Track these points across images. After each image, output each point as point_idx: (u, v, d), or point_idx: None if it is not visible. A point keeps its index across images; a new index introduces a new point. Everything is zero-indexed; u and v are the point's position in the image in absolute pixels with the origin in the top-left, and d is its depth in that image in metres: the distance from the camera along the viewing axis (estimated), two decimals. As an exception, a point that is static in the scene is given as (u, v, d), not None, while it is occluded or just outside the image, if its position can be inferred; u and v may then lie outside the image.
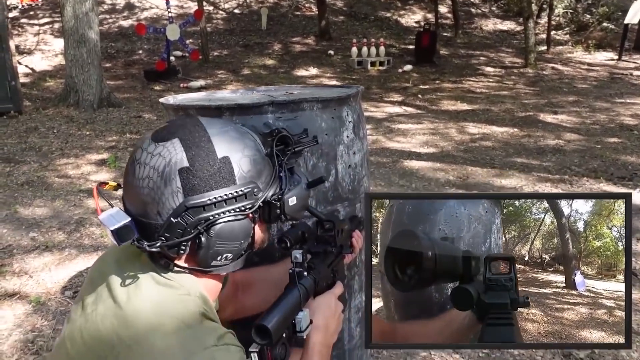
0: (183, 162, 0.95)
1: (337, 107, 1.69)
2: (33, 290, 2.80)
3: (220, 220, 0.96)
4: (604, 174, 4.64)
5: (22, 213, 3.91)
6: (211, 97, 1.94)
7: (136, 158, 0.99)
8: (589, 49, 13.80)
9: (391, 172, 4.91)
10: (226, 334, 0.96)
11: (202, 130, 0.99)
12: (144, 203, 0.96)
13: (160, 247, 0.95)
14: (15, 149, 5.71)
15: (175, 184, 0.94)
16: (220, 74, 11.21)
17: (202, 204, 0.94)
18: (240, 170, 0.98)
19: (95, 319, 0.98)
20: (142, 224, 0.96)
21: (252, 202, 1.00)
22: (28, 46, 12.15)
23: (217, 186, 0.96)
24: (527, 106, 8.10)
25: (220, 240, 0.97)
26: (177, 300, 0.97)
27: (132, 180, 0.98)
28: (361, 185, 1.81)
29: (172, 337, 0.91)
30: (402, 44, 14.01)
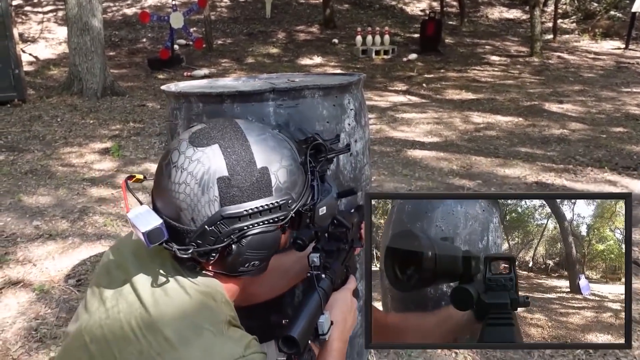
0: (222, 171, 0.94)
1: (338, 95, 1.68)
2: (37, 279, 2.81)
3: (254, 230, 0.95)
4: (609, 164, 4.62)
5: (26, 201, 3.92)
6: (213, 84, 1.93)
7: (173, 160, 0.96)
8: (595, 38, 13.69)
9: (395, 161, 4.90)
10: (251, 341, 0.96)
11: (242, 137, 0.98)
12: (178, 208, 0.95)
13: (191, 254, 0.94)
14: (19, 137, 5.72)
15: (213, 192, 0.93)
16: (224, 63, 11.18)
17: (238, 214, 0.94)
18: (277, 182, 0.98)
19: (118, 316, 0.97)
20: (173, 228, 0.95)
21: (285, 213, 0.99)
22: (32, 34, 12.13)
23: (253, 197, 0.95)
24: (532, 95, 8.05)
25: (250, 249, 0.96)
26: (204, 307, 0.96)
27: (166, 184, 0.96)
28: (362, 173, 1.80)
29: (201, 347, 0.90)
30: (407, 33, 13.93)
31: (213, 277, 1.01)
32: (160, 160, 1.00)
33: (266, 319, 1.77)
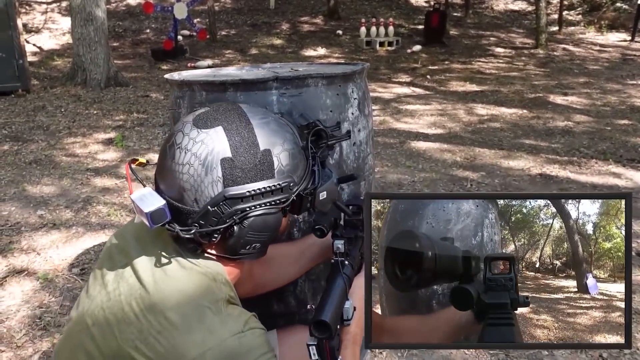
0: (226, 152, 0.95)
1: (342, 84, 1.68)
2: (41, 267, 2.82)
3: (255, 212, 0.96)
4: (613, 156, 4.60)
5: (30, 191, 3.93)
6: (216, 73, 1.93)
7: (177, 142, 0.97)
8: (601, 30, 13.60)
9: (398, 152, 4.89)
10: (250, 317, 0.98)
11: (245, 119, 0.99)
12: (181, 188, 0.96)
13: (193, 234, 0.95)
14: (23, 127, 5.73)
15: (216, 173, 0.94)
16: (228, 54, 11.16)
17: (241, 195, 0.95)
18: (280, 164, 0.99)
19: (119, 298, 0.98)
20: (176, 209, 0.96)
21: (287, 195, 1.00)
22: (35, 25, 12.13)
23: (256, 179, 0.96)
24: (536, 87, 8.02)
25: (252, 231, 0.98)
26: (203, 286, 0.97)
27: (170, 164, 0.97)
28: (366, 163, 1.80)
29: (201, 325, 0.91)
30: (411, 24, 13.87)
31: (214, 260, 1.02)
32: (164, 142, 1.01)
33: (268, 307, 1.77)
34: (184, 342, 0.89)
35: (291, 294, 1.76)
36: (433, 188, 3.99)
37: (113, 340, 0.94)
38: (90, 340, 0.97)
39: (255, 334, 0.94)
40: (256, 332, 0.95)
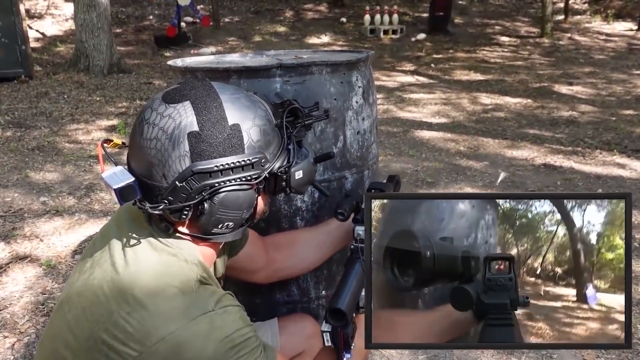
0: (193, 126, 0.93)
1: (346, 72, 1.66)
2: (44, 254, 2.83)
3: (226, 188, 0.95)
4: (618, 147, 4.57)
5: (33, 178, 3.93)
6: (219, 60, 1.91)
7: (145, 118, 0.96)
8: (607, 19, 13.48)
9: (401, 141, 4.87)
10: (224, 296, 0.97)
11: (215, 94, 0.97)
12: (149, 164, 0.94)
13: (162, 210, 0.94)
14: (26, 113, 5.72)
15: (183, 147, 0.92)
16: (231, 41, 11.11)
17: (209, 170, 0.93)
18: (250, 139, 0.97)
19: (92, 282, 0.97)
20: (146, 185, 0.95)
21: (258, 172, 0.98)
22: (39, 10, 12.06)
23: (225, 153, 0.94)
24: (541, 77, 7.97)
25: (223, 208, 0.96)
26: (174, 267, 0.96)
27: (139, 140, 0.96)
28: (369, 152, 1.79)
29: (170, 304, 0.91)
30: (416, 12, 13.76)
31: (188, 240, 1.01)
32: (135, 119, 1.00)
33: (271, 296, 1.77)
34: (153, 323, 0.89)
35: (294, 282, 1.76)
36: (436, 178, 3.97)
37: (85, 325, 0.94)
38: (67, 327, 0.97)
39: (227, 312, 0.93)
40: (228, 310, 0.94)
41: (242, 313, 0.98)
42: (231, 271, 1.36)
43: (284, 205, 1.64)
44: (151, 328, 0.89)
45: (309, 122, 1.16)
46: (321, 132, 1.62)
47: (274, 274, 1.53)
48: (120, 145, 1.11)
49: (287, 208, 1.65)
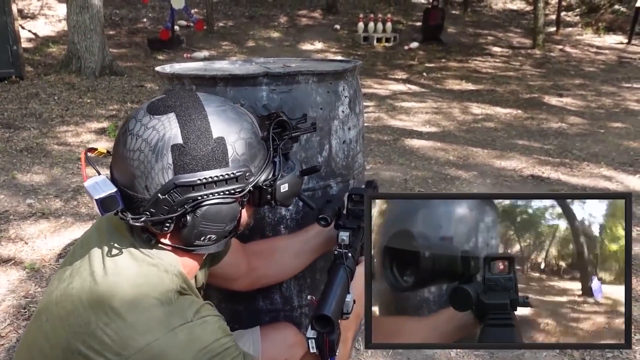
0: (177, 139, 0.92)
1: (333, 82, 1.67)
2: (28, 257, 2.81)
3: (209, 201, 0.94)
4: (605, 159, 4.61)
5: (20, 179, 3.91)
6: (207, 67, 1.91)
7: (129, 128, 0.95)
8: (598, 32, 13.61)
9: (391, 150, 4.88)
10: (203, 306, 0.96)
11: (200, 106, 0.97)
12: (132, 175, 0.94)
13: (144, 222, 0.94)
14: (15, 114, 5.69)
15: (166, 159, 0.92)
16: (225, 45, 11.11)
17: (192, 183, 0.93)
18: (234, 153, 0.96)
19: (71, 291, 0.96)
20: (128, 196, 0.95)
21: (242, 185, 0.98)
22: (32, 11, 12.00)
23: (208, 167, 0.94)
24: (532, 88, 8.02)
25: (206, 221, 0.95)
26: (153, 277, 0.95)
27: (122, 151, 0.95)
28: (355, 161, 1.80)
29: (148, 315, 0.90)
30: (409, 21, 13.84)
31: (170, 251, 1.00)
32: (119, 129, 0.99)
33: (253, 304, 1.77)
34: (130, 334, 0.88)
35: (277, 291, 1.75)
36: (425, 187, 3.99)
37: (62, 335, 0.93)
38: (44, 337, 0.96)
39: (206, 322, 0.93)
40: (207, 320, 0.93)
41: (221, 323, 0.97)
42: (213, 279, 1.36)
43: (268, 213, 1.64)
44: (128, 339, 0.88)
45: (296, 135, 1.16)
46: (306, 141, 1.62)
47: (255, 281, 1.52)
48: (104, 153, 1.10)
49: (271, 216, 1.65)
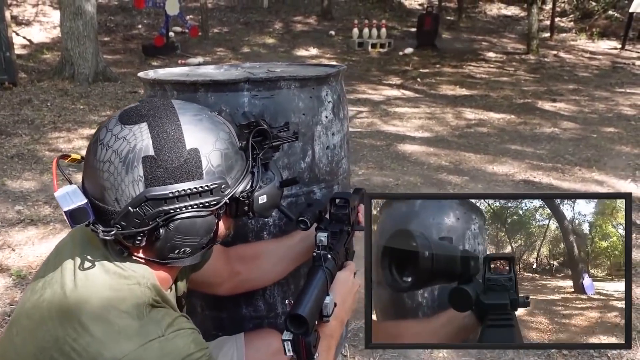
0: (148, 150, 0.89)
1: (315, 87, 1.66)
2: (15, 264, 2.79)
3: (182, 214, 0.91)
4: (597, 163, 4.62)
5: (10, 186, 3.89)
6: (190, 72, 1.90)
7: (100, 138, 0.92)
8: (592, 37, 13.67)
9: (384, 155, 4.88)
10: (176, 319, 0.93)
11: (174, 116, 0.93)
12: (102, 187, 0.90)
13: (114, 236, 0.90)
14: (7, 121, 5.67)
15: (137, 172, 0.89)
16: (219, 51, 11.12)
17: (164, 196, 0.89)
18: (209, 165, 0.93)
19: (41, 304, 0.94)
20: (98, 208, 0.91)
21: (217, 198, 0.94)
22: (27, 17, 12.01)
23: (181, 179, 0.90)
24: (526, 93, 8.04)
25: (179, 235, 0.92)
26: (124, 291, 0.92)
27: (92, 161, 0.91)
28: (340, 166, 1.78)
29: (118, 329, 0.87)
30: (404, 27, 13.88)
31: (143, 264, 0.97)
32: (92, 138, 0.96)
33: (236, 311, 1.76)
34: (99, 349, 0.85)
35: (260, 297, 1.74)
36: (416, 191, 3.98)
37: (31, 349, 0.90)
38: (13, 350, 0.94)
39: (179, 336, 0.90)
40: (180, 334, 0.90)
41: (195, 336, 0.94)
42: (194, 285, 1.34)
43: (251, 220, 1.63)
44: (97, 355, 0.85)
45: (277, 144, 1.13)
46: (289, 147, 1.61)
47: (237, 286, 1.50)
48: (79, 160, 1.05)
49: (254, 223, 1.63)
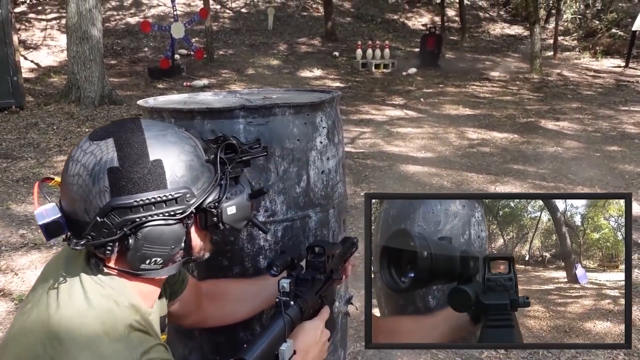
0: (113, 162, 0.94)
1: (310, 113, 1.68)
2: (17, 288, 2.81)
3: (148, 223, 0.94)
4: (599, 183, 4.61)
5: (14, 210, 3.93)
6: (189, 100, 1.94)
7: (72, 155, 0.98)
8: (596, 56, 13.73)
9: (386, 176, 4.90)
10: (153, 347, 0.95)
11: (139, 131, 0.99)
12: (73, 200, 0.96)
13: (85, 246, 0.95)
14: (13, 144, 5.74)
15: (103, 183, 0.93)
16: (225, 74, 11.23)
17: (129, 205, 0.93)
18: (173, 175, 0.97)
19: (27, 325, 0.97)
20: (72, 222, 0.97)
21: (183, 207, 0.98)
22: (35, 41, 12.20)
23: (146, 188, 0.94)
24: (529, 112, 8.06)
25: (148, 244, 0.96)
26: (105, 312, 0.95)
27: (65, 177, 0.98)
28: (335, 190, 1.80)
29: (94, 351, 0.90)
30: (407, 47, 13.99)
31: (120, 277, 1.00)
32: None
33: (234, 334, 1.76)
34: None
35: (257, 321, 1.74)
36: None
37: None
38: None
39: None
40: None
41: None
42: None
43: (247, 244, 1.65)
44: None
45: (246, 158, 1.17)
46: (284, 172, 1.63)
47: (201, 322, 1.50)
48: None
49: (250, 247, 1.65)
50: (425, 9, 17.13)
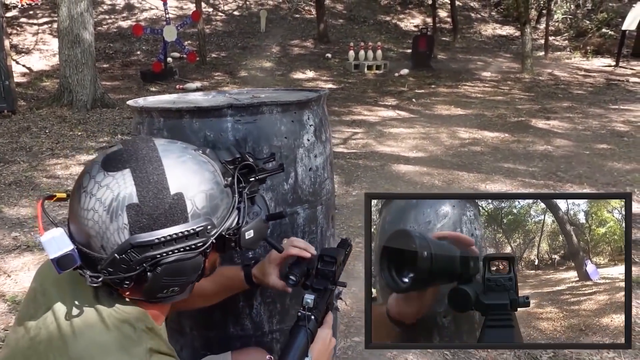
0: (132, 198, 0.89)
1: (297, 111, 1.71)
2: (10, 290, 2.82)
3: (168, 258, 0.91)
4: (589, 180, 4.66)
5: (7, 213, 3.93)
6: (178, 100, 1.96)
7: (83, 186, 0.92)
8: (587, 55, 13.83)
9: (378, 175, 4.93)
10: None
11: (157, 160, 0.93)
12: (87, 235, 0.91)
13: (102, 281, 0.91)
14: (5, 148, 5.74)
15: (121, 220, 0.88)
16: (217, 76, 11.25)
17: (149, 242, 0.89)
18: (194, 207, 0.93)
19: (38, 347, 0.93)
20: (85, 254, 0.91)
21: (204, 240, 0.94)
22: (26, 46, 12.18)
23: (167, 224, 0.90)
24: (520, 112, 8.11)
25: (167, 277, 0.92)
26: (122, 339, 0.92)
27: (77, 209, 0.92)
28: (323, 187, 1.83)
29: None
30: (400, 48, 14.05)
31: (134, 304, 0.97)
32: (75, 182, 0.96)
33: (224, 330, 1.79)
34: None
35: (247, 316, 1.77)
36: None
37: None
38: None
39: None
40: None
41: None
42: None
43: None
44: None
45: (262, 177, 1.14)
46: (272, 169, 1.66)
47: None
48: (65, 198, 1.02)
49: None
50: (417, 10, 17.20)
